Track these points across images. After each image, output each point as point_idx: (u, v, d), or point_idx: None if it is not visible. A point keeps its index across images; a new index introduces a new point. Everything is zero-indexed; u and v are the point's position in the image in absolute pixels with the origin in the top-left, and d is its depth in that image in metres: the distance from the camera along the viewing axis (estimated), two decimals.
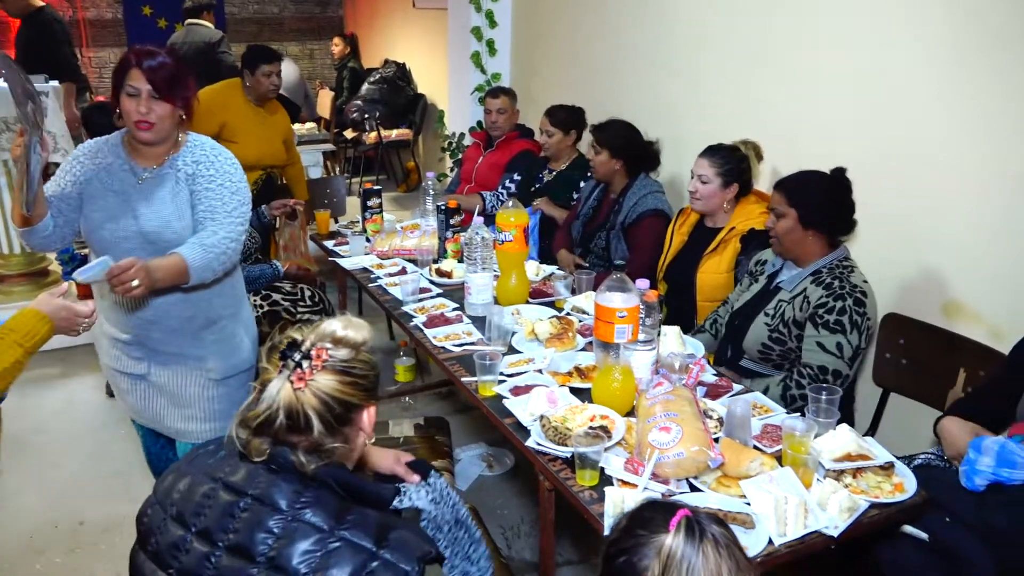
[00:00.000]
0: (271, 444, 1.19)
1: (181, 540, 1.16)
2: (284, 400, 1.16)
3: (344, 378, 1.19)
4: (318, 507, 1.14)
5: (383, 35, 7.76)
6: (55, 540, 2.83)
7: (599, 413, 1.86)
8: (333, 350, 1.19)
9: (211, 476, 1.21)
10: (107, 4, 7.88)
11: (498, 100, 4.06)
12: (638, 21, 3.80)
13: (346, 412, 1.20)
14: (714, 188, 2.76)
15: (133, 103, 2.00)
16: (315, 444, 1.18)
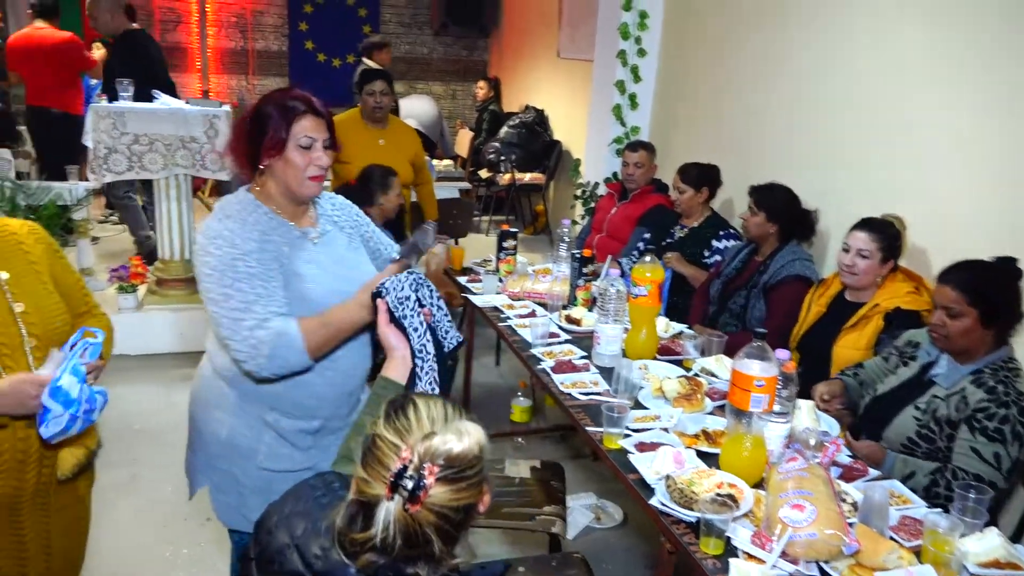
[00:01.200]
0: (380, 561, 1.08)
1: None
2: (400, 525, 1.05)
3: (459, 484, 1.07)
4: None
5: (525, 81, 7.99)
6: (184, 532, 3.01)
7: (727, 481, 1.83)
8: (454, 463, 1.06)
9: (292, 534, 1.17)
10: (274, 37, 8.49)
11: (637, 154, 4.12)
12: (784, 85, 3.78)
13: (465, 516, 1.09)
14: (873, 264, 2.67)
15: (306, 156, 1.75)
16: (434, 557, 1.08)
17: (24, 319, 1.59)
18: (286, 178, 1.77)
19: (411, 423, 1.09)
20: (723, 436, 2.09)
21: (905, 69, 3.09)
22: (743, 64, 4.11)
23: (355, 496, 1.09)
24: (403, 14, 8.88)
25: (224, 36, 8.32)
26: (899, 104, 3.11)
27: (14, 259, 1.62)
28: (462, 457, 1.06)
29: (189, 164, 4.36)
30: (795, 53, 3.72)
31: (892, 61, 3.15)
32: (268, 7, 8.38)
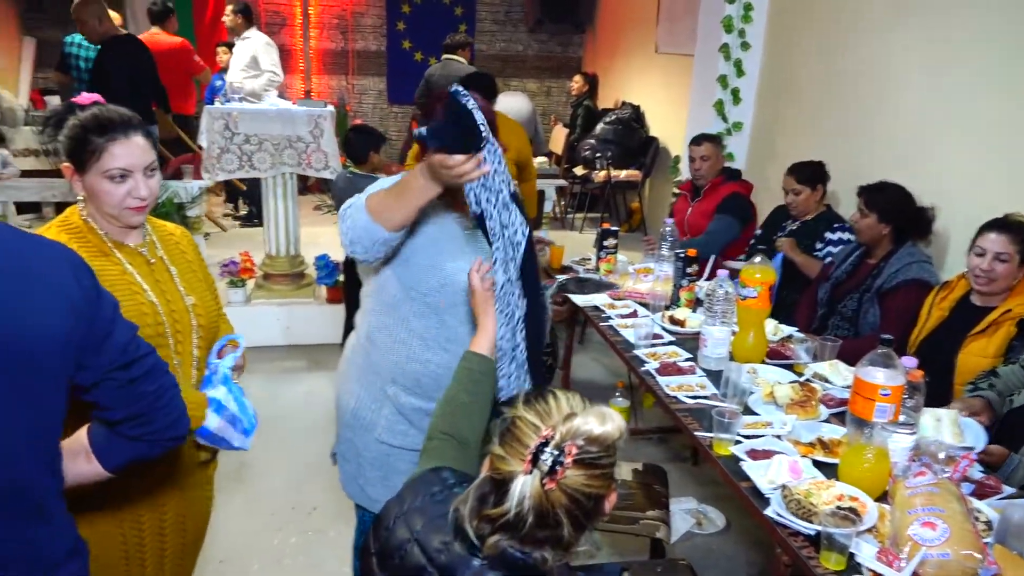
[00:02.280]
0: (509, 543, 1.11)
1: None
2: (534, 501, 1.06)
3: (593, 471, 1.09)
4: None
5: (620, 77, 7.90)
6: (291, 521, 3.11)
7: (848, 493, 1.75)
8: (587, 446, 1.08)
9: (412, 528, 1.19)
10: (373, 37, 8.68)
11: (701, 147, 4.04)
12: (897, 79, 3.60)
13: (595, 505, 1.10)
14: (1011, 267, 2.49)
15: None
16: (563, 542, 1.10)
17: (194, 310, 1.72)
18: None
19: (551, 407, 1.12)
20: (841, 446, 2.01)
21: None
22: (852, 57, 3.94)
23: (489, 473, 1.12)
24: (498, 11, 8.93)
25: (326, 37, 8.55)
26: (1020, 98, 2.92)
27: (177, 258, 1.75)
28: (601, 440, 1.08)
29: (295, 163, 4.50)
30: (909, 46, 3.54)
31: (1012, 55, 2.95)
32: (368, 8, 8.57)
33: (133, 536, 1.73)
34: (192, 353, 1.73)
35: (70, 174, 1.59)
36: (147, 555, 1.76)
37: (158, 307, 1.65)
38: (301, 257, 4.92)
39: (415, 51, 8.73)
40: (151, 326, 1.64)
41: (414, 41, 8.70)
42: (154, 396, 1.28)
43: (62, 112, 1.59)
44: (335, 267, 4.72)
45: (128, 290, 1.62)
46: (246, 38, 6.21)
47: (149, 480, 1.72)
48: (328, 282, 4.72)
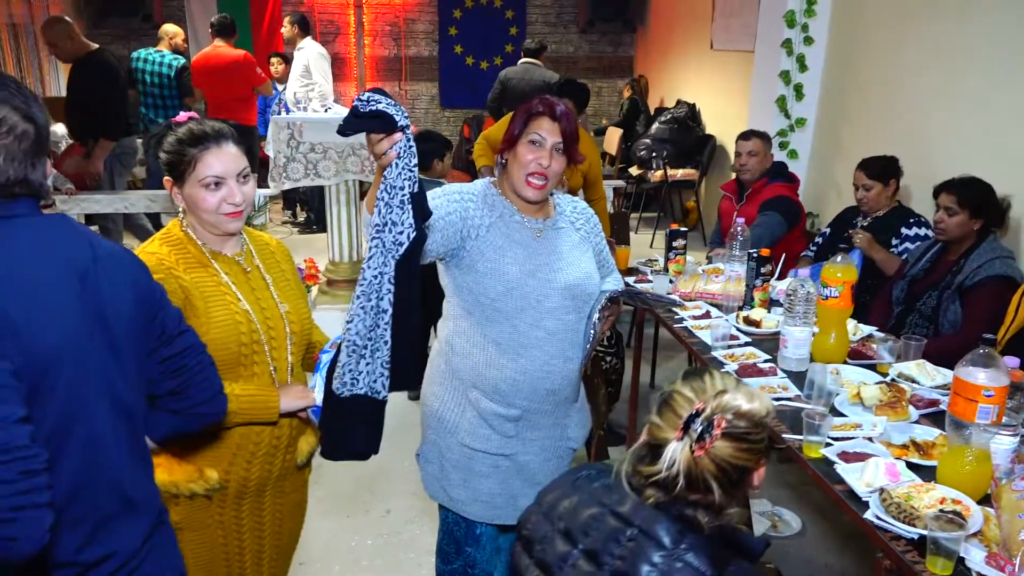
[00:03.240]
0: (663, 498, 1.22)
1: (567, 554, 1.25)
2: (683, 465, 1.19)
3: (741, 444, 1.19)
4: (700, 552, 1.17)
5: (674, 75, 7.84)
6: (366, 523, 3.15)
7: (950, 496, 1.71)
8: (735, 420, 1.19)
9: (598, 501, 1.28)
10: (425, 43, 8.76)
11: (749, 143, 3.90)
12: (965, 72, 3.51)
13: (741, 476, 1.21)
14: None
15: (535, 152, 1.88)
16: (714, 506, 1.21)
17: (288, 316, 1.78)
18: (512, 173, 1.92)
19: (705, 384, 1.24)
20: (935, 447, 1.96)
21: None
22: (919, 51, 3.85)
23: (647, 439, 1.25)
24: (549, 13, 8.94)
25: (379, 45, 8.67)
26: None
27: (273, 268, 1.83)
28: (749, 415, 1.19)
29: (358, 170, 4.57)
30: (977, 34, 3.45)
31: None
32: (420, 14, 8.66)
33: (233, 537, 1.78)
34: (287, 359, 1.79)
35: (170, 187, 1.69)
36: (246, 555, 1.82)
37: (252, 315, 1.71)
38: None
39: (467, 55, 8.79)
40: (246, 333, 1.69)
41: (466, 46, 8.76)
42: (193, 371, 1.39)
43: (162, 131, 1.69)
44: None
45: (223, 299, 1.69)
46: (301, 48, 6.33)
47: (250, 484, 1.78)
48: None
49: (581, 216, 2.08)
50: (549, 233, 1.97)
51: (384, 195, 1.55)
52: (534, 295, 1.89)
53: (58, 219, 1.25)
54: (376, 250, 1.56)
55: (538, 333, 1.91)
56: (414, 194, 1.57)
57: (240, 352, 1.68)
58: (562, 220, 2.02)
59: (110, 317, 1.23)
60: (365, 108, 1.48)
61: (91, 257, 1.23)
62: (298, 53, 6.20)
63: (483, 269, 1.87)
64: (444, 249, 1.86)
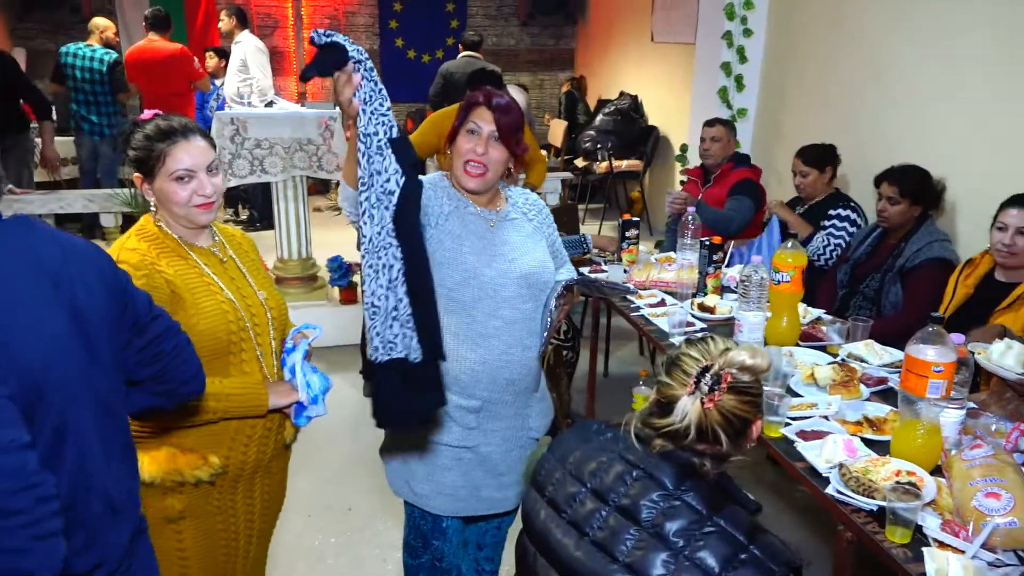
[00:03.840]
0: (673, 446, 1.32)
1: (577, 493, 1.34)
2: (694, 417, 1.28)
3: (744, 397, 1.30)
4: (698, 494, 1.26)
5: (615, 67, 7.93)
6: (329, 521, 3.13)
7: (905, 469, 1.79)
8: (739, 374, 1.29)
9: (607, 449, 1.37)
10: (366, 36, 8.66)
11: (713, 129, 4.07)
12: (899, 61, 3.66)
13: (744, 426, 1.32)
14: None
15: (471, 141, 1.90)
16: (721, 454, 1.31)
17: (267, 303, 1.82)
18: (457, 161, 1.94)
19: (709, 346, 1.33)
20: (887, 423, 2.05)
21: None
22: (856, 37, 3.99)
23: (656, 397, 1.34)
24: (489, 6, 8.93)
25: None
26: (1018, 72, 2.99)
27: (244, 258, 1.85)
28: (752, 368, 1.30)
29: (306, 166, 4.50)
30: (909, 27, 3.59)
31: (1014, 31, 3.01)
32: (360, 7, 8.56)
33: (230, 522, 1.83)
34: (270, 344, 1.82)
35: (140, 183, 1.69)
36: (240, 539, 1.87)
37: (236, 304, 1.73)
38: (313, 260, 4.93)
39: (408, 49, 8.73)
40: (233, 322, 1.72)
41: (407, 39, 8.70)
42: (171, 355, 1.39)
43: (128, 130, 1.69)
44: (348, 268, 4.73)
45: (208, 290, 1.70)
46: (238, 42, 6.20)
47: (247, 467, 1.82)
48: (342, 283, 4.74)
49: (533, 207, 2.10)
50: (502, 224, 2.00)
51: (361, 147, 1.52)
52: (491, 284, 1.91)
53: (15, 220, 1.18)
54: (367, 205, 1.53)
55: (495, 322, 1.92)
56: (392, 139, 1.52)
57: (230, 340, 1.72)
58: (514, 211, 2.05)
59: (86, 317, 1.19)
60: (321, 40, 1.46)
61: (60, 256, 1.18)
62: (235, 47, 6.08)
63: (441, 258, 1.87)
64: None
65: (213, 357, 1.68)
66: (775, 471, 3.40)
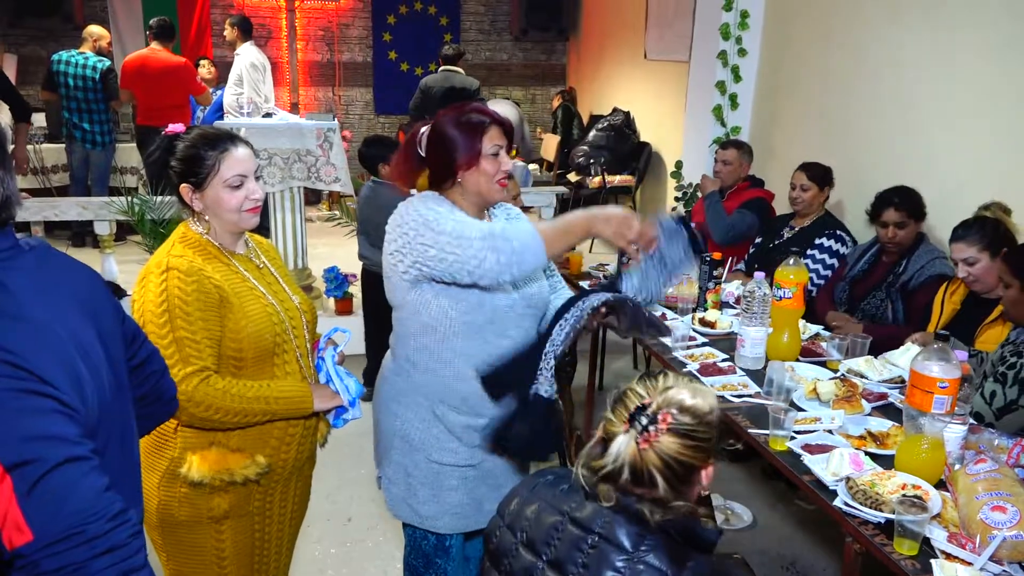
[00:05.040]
0: (617, 492, 1.26)
1: (532, 567, 1.28)
2: (628, 457, 1.23)
3: (687, 441, 1.23)
4: (660, 551, 1.21)
5: (608, 84, 8.01)
6: (328, 532, 3.13)
7: (910, 482, 1.84)
8: (679, 415, 1.23)
9: (558, 509, 1.30)
10: (359, 49, 8.70)
11: (727, 152, 4.15)
12: (893, 80, 3.74)
13: (687, 473, 1.24)
14: (985, 264, 2.63)
15: (496, 163, 1.88)
16: (660, 500, 1.23)
17: (302, 307, 1.87)
18: (479, 186, 1.90)
19: (658, 382, 1.28)
20: (890, 437, 2.10)
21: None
22: (848, 61, 4.07)
23: (600, 435, 1.30)
24: (483, 21, 9.00)
25: (312, 49, 8.56)
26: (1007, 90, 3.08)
27: (274, 263, 1.89)
28: (693, 410, 1.23)
29: (304, 177, 4.52)
30: (903, 46, 3.68)
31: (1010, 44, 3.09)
32: (353, 19, 8.60)
33: (266, 524, 1.88)
34: (306, 346, 1.87)
35: (189, 193, 1.72)
36: (271, 542, 1.92)
37: (277, 307, 1.78)
38: (309, 270, 4.93)
39: (401, 62, 8.77)
40: (278, 324, 1.77)
41: (400, 52, 8.74)
42: (159, 375, 1.39)
43: (164, 144, 1.73)
44: (344, 279, 4.74)
45: (252, 294, 1.75)
46: (238, 54, 6.21)
47: (287, 468, 1.87)
48: (337, 294, 4.74)
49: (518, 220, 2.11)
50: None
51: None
52: (502, 305, 1.92)
53: (43, 250, 1.13)
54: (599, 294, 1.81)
55: (504, 342, 1.92)
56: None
57: (274, 342, 1.77)
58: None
59: (106, 341, 1.16)
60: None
61: (87, 284, 1.16)
62: (236, 58, 6.09)
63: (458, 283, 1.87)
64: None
65: (260, 359, 1.74)
66: (769, 487, 3.44)
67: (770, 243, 3.82)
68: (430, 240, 1.79)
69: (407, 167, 1.98)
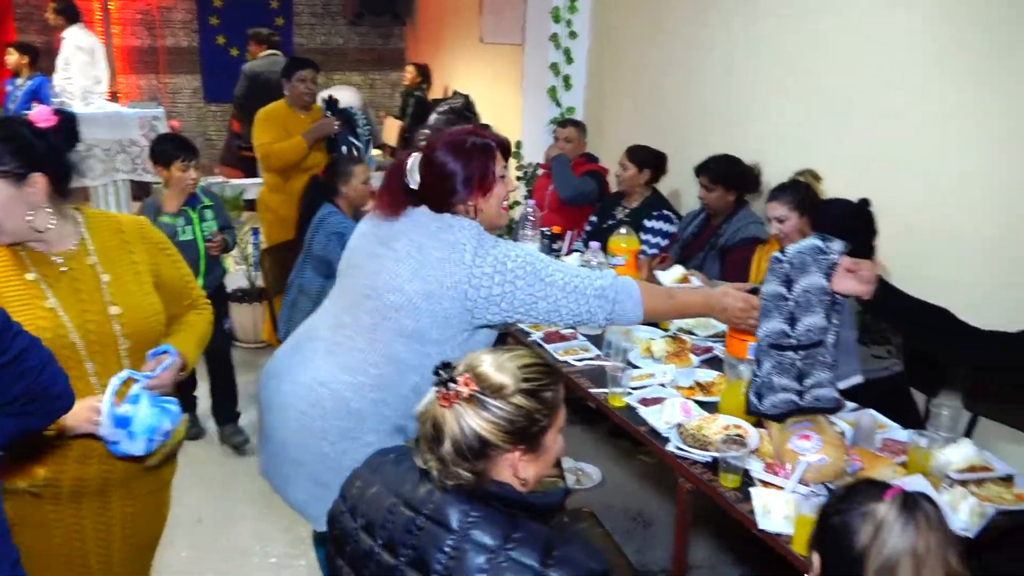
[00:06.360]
0: (441, 467, 1.24)
1: (371, 550, 1.27)
2: (431, 413, 1.24)
3: (486, 414, 1.21)
4: (486, 525, 1.20)
5: (446, 67, 8.04)
6: (178, 535, 3.01)
7: (732, 423, 2.03)
8: (481, 384, 1.22)
9: (394, 490, 1.29)
10: (184, 33, 8.25)
11: (566, 130, 4.34)
12: (714, 61, 4.03)
13: (482, 448, 1.21)
14: (794, 223, 2.90)
15: (505, 186, 1.90)
16: (442, 460, 1.23)
17: (119, 320, 1.67)
18: (490, 210, 1.89)
19: (493, 354, 1.28)
20: (715, 386, 2.29)
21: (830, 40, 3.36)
22: (673, 43, 4.33)
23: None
24: (315, 4, 8.76)
25: (130, 34, 8.02)
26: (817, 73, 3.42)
27: (119, 260, 1.71)
28: (486, 379, 1.22)
29: (129, 169, 4.28)
30: (723, 27, 3.96)
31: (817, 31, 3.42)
32: (177, 2, 8.13)
33: (74, 538, 1.72)
34: (121, 365, 1.69)
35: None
36: (91, 559, 1.75)
37: (63, 318, 1.61)
38: None
39: (230, 47, 8.39)
40: (54, 339, 1.58)
41: (229, 36, 8.36)
42: (39, 370, 1.29)
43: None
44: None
45: (20, 300, 1.59)
46: (64, 38, 5.77)
47: (88, 484, 1.71)
48: None
49: None
50: None
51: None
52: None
53: None
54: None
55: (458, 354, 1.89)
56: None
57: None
58: None
59: None
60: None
61: None
62: (63, 42, 5.64)
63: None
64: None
65: None
66: (616, 445, 3.64)
67: (603, 223, 4.01)
68: (540, 292, 1.78)
69: (394, 196, 1.89)
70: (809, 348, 1.77)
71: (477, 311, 1.79)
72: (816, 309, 1.75)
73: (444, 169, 1.83)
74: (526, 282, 1.77)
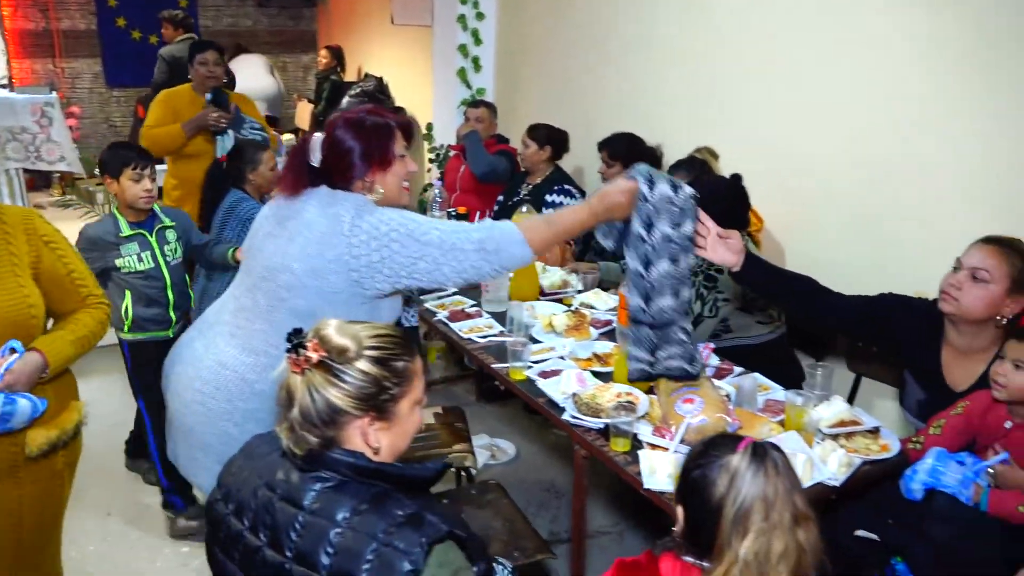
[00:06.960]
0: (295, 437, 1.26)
1: (240, 533, 1.28)
2: (285, 382, 1.26)
3: (333, 379, 1.22)
4: (336, 500, 1.21)
5: (359, 49, 7.95)
6: (86, 530, 2.96)
7: (624, 391, 2.11)
8: (326, 347, 1.24)
9: (260, 473, 1.31)
10: (81, 15, 7.91)
11: (477, 110, 4.36)
12: (616, 42, 4.12)
13: (332, 414, 1.23)
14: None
15: (404, 165, 1.94)
16: (291, 426, 1.25)
17: None
18: (389, 188, 1.91)
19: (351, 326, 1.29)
20: (611, 356, 2.38)
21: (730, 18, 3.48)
22: (579, 23, 4.40)
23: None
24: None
25: (22, 16, 7.65)
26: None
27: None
28: (329, 341, 1.24)
29: (22, 157, 4.11)
30: (630, 7, 4.04)
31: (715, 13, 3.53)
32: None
33: None
34: None
35: None
36: None
37: None
38: None
39: (131, 29, 8.08)
40: None
41: (129, 18, 8.05)
42: None
43: None
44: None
45: None
46: None
47: None
48: None
49: None
50: None
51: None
52: None
53: None
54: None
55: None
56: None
57: None
58: None
59: None
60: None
61: None
62: None
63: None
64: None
65: None
66: (530, 420, 3.72)
67: (508, 201, 4.07)
68: (417, 252, 1.77)
69: (296, 175, 1.90)
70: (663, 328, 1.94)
71: (364, 281, 1.80)
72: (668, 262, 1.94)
73: (343, 145, 1.85)
74: (402, 244, 1.77)
